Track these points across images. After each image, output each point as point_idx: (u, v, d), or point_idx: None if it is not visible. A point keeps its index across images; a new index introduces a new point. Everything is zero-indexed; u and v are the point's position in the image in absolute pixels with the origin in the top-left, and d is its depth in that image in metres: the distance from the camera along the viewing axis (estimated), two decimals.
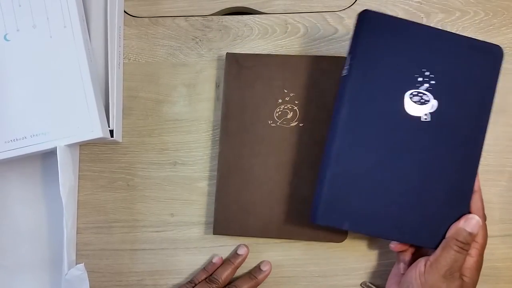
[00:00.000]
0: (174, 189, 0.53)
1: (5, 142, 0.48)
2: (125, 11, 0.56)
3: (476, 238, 0.43)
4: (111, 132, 0.51)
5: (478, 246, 0.43)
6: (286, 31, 0.55)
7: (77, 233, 0.52)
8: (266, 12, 0.55)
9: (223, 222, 0.50)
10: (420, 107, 0.44)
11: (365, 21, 0.44)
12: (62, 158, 0.47)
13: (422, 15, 0.55)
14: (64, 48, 0.49)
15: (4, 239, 0.52)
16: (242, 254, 0.50)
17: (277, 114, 0.51)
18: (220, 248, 0.52)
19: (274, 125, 0.51)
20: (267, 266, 0.50)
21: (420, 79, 0.44)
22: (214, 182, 0.51)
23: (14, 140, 0.48)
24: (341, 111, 0.44)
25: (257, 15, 0.55)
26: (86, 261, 0.50)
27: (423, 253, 0.45)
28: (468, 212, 0.44)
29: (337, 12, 0.55)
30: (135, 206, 0.52)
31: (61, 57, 0.49)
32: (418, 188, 0.44)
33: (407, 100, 0.44)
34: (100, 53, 0.52)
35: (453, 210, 0.44)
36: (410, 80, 0.44)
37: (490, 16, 0.55)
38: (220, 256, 0.51)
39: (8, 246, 0.52)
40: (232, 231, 0.50)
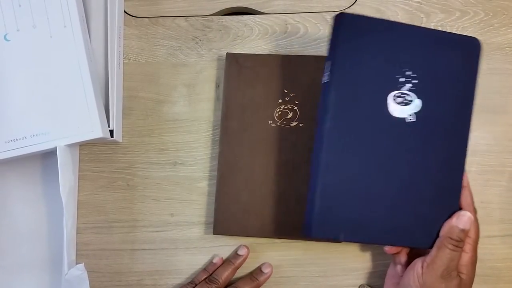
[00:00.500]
0: (174, 189, 0.53)
1: (5, 142, 0.48)
2: (125, 11, 0.56)
3: (469, 233, 0.43)
4: (111, 132, 0.51)
5: (471, 241, 0.43)
6: (286, 31, 0.55)
7: (77, 233, 0.52)
8: (266, 12, 0.55)
9: (223, 222, 0.50)
10: (404, 108, 0.43)
11: (342, 25, 0.43)
12: (62, 158, 0.47)
13: (422, 15, 0.55)
14: (64, 48, 0.49)
15: (4, 239, 0.52)
16: (243, 255, 0.50)
17: (277, 114, 0.51)
18: (220, 248, 0.52)
19: (274, 125, 0.51)
20: (269, 269, 0.50)
21: (402, 80, 0.43)
22: (214, 182, 0.51)
23: (14, 140, 0.48)
24: (326, 119, 0.42)
25: (257, 15, 0.55)
26: (86, 261, 0.50)
27: (419, 253, 0.45)
28: (459, 208, 0.44)
29: (337, 12, 0.55)
30: (135, 206, 0.52)
31: (61, 57, 0.49)
32: (408, 190, 0.43)
33: (391, 102, 0.43)
34: (100, 53, 0.52)
35: (444, 208, 0.44)
36: (392, 81, 0.43)
37: (490, 16, 0.55)
38: (221, 257, 0.51)
39: (8, 246, 0.52)
40: (232, 231, 0.50)
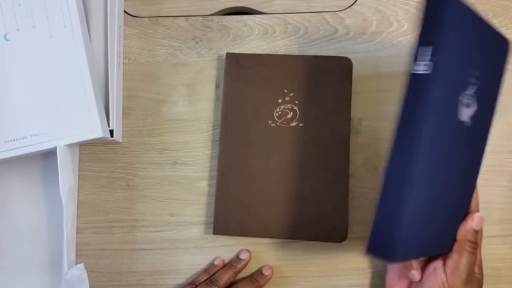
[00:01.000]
0: (174, 189, 0.53)
1: (5, 142, 0.48)
2: (125, 11, 0.56)
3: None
4: (111, 132, 0.51)
5: (479, 241, 0.44)
6: (286, 31, 0.55)
7: (77, 233, 0.52)
8: (266, 12, 0.55)
9: (223, 222, 0.50)
10: (467, 111, 0.37)
11: (450, 8, 0.34)
12: (62, 158, 0.47)
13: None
14: (64, 48, 0.49)
15: (4, 239, 0.52)
16: (244, 259, 0.50)
17: (277, 114, 0.51)
18: (220, 248, 0.52)
19: (274, 125, 0.51)
20: (269, 271, 0.50)
21: (472, 81, 0.37)
22: (214, 182, 0.51)
23: (14, 140, 0.48)
24: (424, 121, 0.33)
25: (257, 15, 0.55)
26: (86, 261, 0.50)
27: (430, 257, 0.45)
28: (468, 209, 0.44)
29: (337, 12, 0.55)
30: (135, 206, 0.52)
31: (61, 57, 0.49)
32: (456, 199, 0.40)
33: (459, 103, 0.36)
34: (100, 53, 0.52)
35: (460, 211, 0.43)
36: (466, 81, 0.37)
37: (490, 16, 0.55)
38: (222, 259, 0.51)
39: (8, 246, 0.52)
40: (232, 231, 0.50)
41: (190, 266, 0.51)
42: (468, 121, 0.37)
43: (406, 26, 0.55)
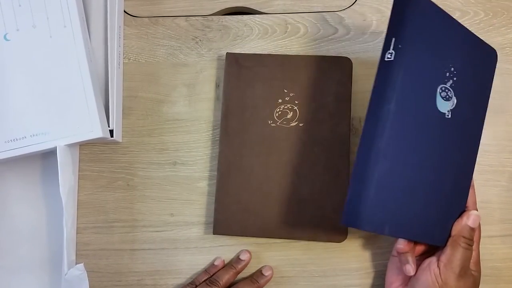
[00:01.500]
0: (174, 189, 0.53)
1: (5, 142, 0.48)
2: (125, 11, 0.56)
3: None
4: (111, 132, 0.51)
5: (477, 239, 0.45)
6: (286, 31, 0.55)
7: (77, 233, 0.52)
8: (266, 12, 0.55)
9: (223, 222, 0.50)
10: (446, 103, 0.42)
11: (412, 6, 0.40)
12: (62, 158, 0.47)
13: None
14: (64, 48, 0.49)
15: (4, 239, 0.52)
16: (245, 260, 0.50)
17: (277, 114, 0.51)
18: (220, 248, 0.52)
19: (274, 125, 0.51)
20: (269, 271, 0.50)
21: (448, 74, 0.42)
22: (214, 182, 0.51)
23: (14, 140, 0.48)
24: (389, 100, 0.39)
25: (257, 15, 0.55)
26: (86, 261, 0.50)
27: (424, 252, 0.46)
28: (465, 207, 0.45)
29: (337, 12, 0.55)
30: (135, 206, 0.52)
31: (61, 57, 0.49)
32: (438, 187, 0.43)
33: (438, 95, 0.41)
34: (100, 53, 0.52)
35: (455, 207, 0.44)
36: (442, 74, 0.41)
37: (490, 16, 0.55)
38: (222, 259, 0.51)
39: (8, 246, 0.52)
40: (232, 231, 0.50)
41: (190, 266, 0.51)
42: (448, 114, 0.42)
43: None
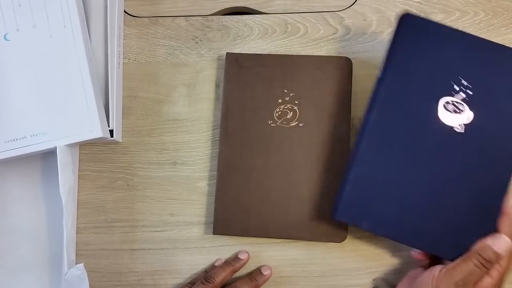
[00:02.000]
0: (174, 189, 0.53)
1: (5, 142, 0.48)
2: (125, 11, 0.56)
3: (501, 261, 0.41)
4: (111, 132, 0.51)
5: (501, 270, 0.41)
6: (286, 31, 0.55)
7: (77, 233, 0.52)
8: (266, 12, 0.55)
9: (223, 222, 0.50)
10: (454, 116, 0.43)
11: (405, 25, 0.44)
12: (62, 158, 0.47)
13: (422, 15, 0.55)
14: (64, 48, 0.49)
15: (4, 239, 0.52)
16: (243, 259, 0.50)
17: (277, 114, 0.51)
18: (220, 248, 0.51)
19: (274, 125, 0.51)
20: (268, 271, 0.50)
21: (457, 88, 0.43)
22: (214, 182, 0.51)
23: (14, 140, 0.48)
24: (371, 113, 0.44)
25: (257, 15, 0.55)
26: (86, 261, 0.50)
27: (442, 263, 0.44)
28: (495, 231, 0.43)
29: (337, 12, 0.55)
30: (135, 206, 0.52)
31: (61, 57, 0.49)
32: (443, 198, 0.43)
33: (441, 108, 0.43)
34: (100, 53, 0.52)
35: (478, 226, 0.43)
36: (446, 87, 0.43)
37: (490, 16, 0.55)
38: (223, 260, 0.51)
39: (8, 246, 0.52)
40: (232, 231, 0.50)
41: (190, 266, 0.51)
42: (459, 128, 0.43)
43: None
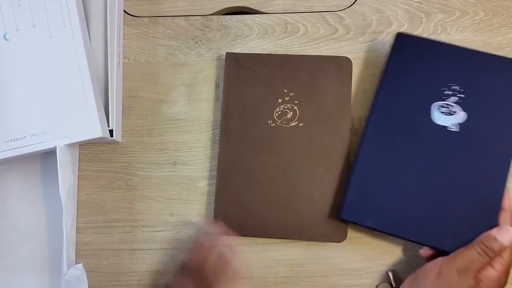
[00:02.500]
0: (174, 189, 0.53)
1: (5, 142, 0.48)
2: (125, 11, 0.56)
3: (503, 254, 0.43)
4: (111, 132, 0.50)
5: (504, 263, 0.42)
6: (286, 31, 0.55)
7: (77, 233, 0.52)
8: (266, 12, 0.55)
9: (223, 222, 0.50)
10: (447, 117, 0.47)
11: (397, 42, 0.50)
12: (62, 158, 0.47)
13: (422, 15, 0.55)
14: (64, 48, 0.49)
15: (4, 239, 0.52)
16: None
17: (277, 114, 0.51)
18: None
19: (274, 125, 0.51)
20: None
21: (448, 92, 0.48)
22: (214, 182, 0.51)
23: (14, 140, 0.48)
24: (371, 117, 0.49)
25: (257, 15, 0.55)
26: (86, 261, 0.50)
27: None
28: (496, 225, 0.44)
29: (337, 12, 0.55)
30: (135, 206, 0.52)
31: (61, 57, 0.49)
32: (443, 194, 0.46)
33: (435, 110, 0.48)
34: (100, 53, 0.52)
35: (479, 220, 0.45)
36: (437, 93, 0.48)
37: (490, 16, 0.55)
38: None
39: (8, 246, 0.52)
40: (232, 231, 0.50)
41: None
42: (454, 127, 0.47)
43: (406, 26, 0.55)
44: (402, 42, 0.50)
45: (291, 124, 0.51)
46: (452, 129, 0.47)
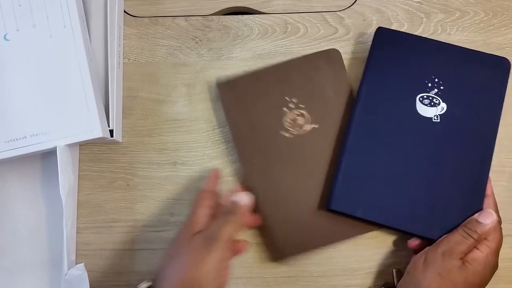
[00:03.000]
0: (174, 189, 0.53)
1: (5, 142, 0.48)
2: (125, 11, 0.56)
3: (489, 237, 0.44)
4: (111, 132, 0.51)
5: (490, 244, 0.44)
6: (286, 31, 0.55)
7: (77, 233, 0.52)
8: (266, 12, 0.55)
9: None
10: (430, 109, 0.49)
11: (378, 37, 0.51)
12: (62, 158, 0.47)
13: (422, 15, 0.55)
14: (64, 48, 0.49)
15: (4, 239, 0.52)
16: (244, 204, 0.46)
17: (288, 124, 0.50)
18: None
19: (290, 135, 0.50)
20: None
21: (430, 85, 0.50)
22: None
23: (14, 140, 0.48)
24: (356, 109, 0.49)
25: (257, 15, 0.55)
26: (86, 261, 0.50)
27: None
28: (477, 208, 0.46)
29: (337, 12, 0.55)
30: (135, 206, 0.52)
31: (61, 57, 0.49)
32: (429, 183, 0.47)
33: (418, 102, 0.49)
34: (100, 53, 0.52)
35: (465, 208, 0.46)
36: (421, 85, 0.50)
37: (490, 16, 0.55)
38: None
39: (8, 246, 0.52)
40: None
41: None
42: (436, 118, 0.49)
43: (406, 26, 0.55)
44: (383, 37, 0.51)
45: (306, 128, 0.50)
46: (435, 120, 0.49)
